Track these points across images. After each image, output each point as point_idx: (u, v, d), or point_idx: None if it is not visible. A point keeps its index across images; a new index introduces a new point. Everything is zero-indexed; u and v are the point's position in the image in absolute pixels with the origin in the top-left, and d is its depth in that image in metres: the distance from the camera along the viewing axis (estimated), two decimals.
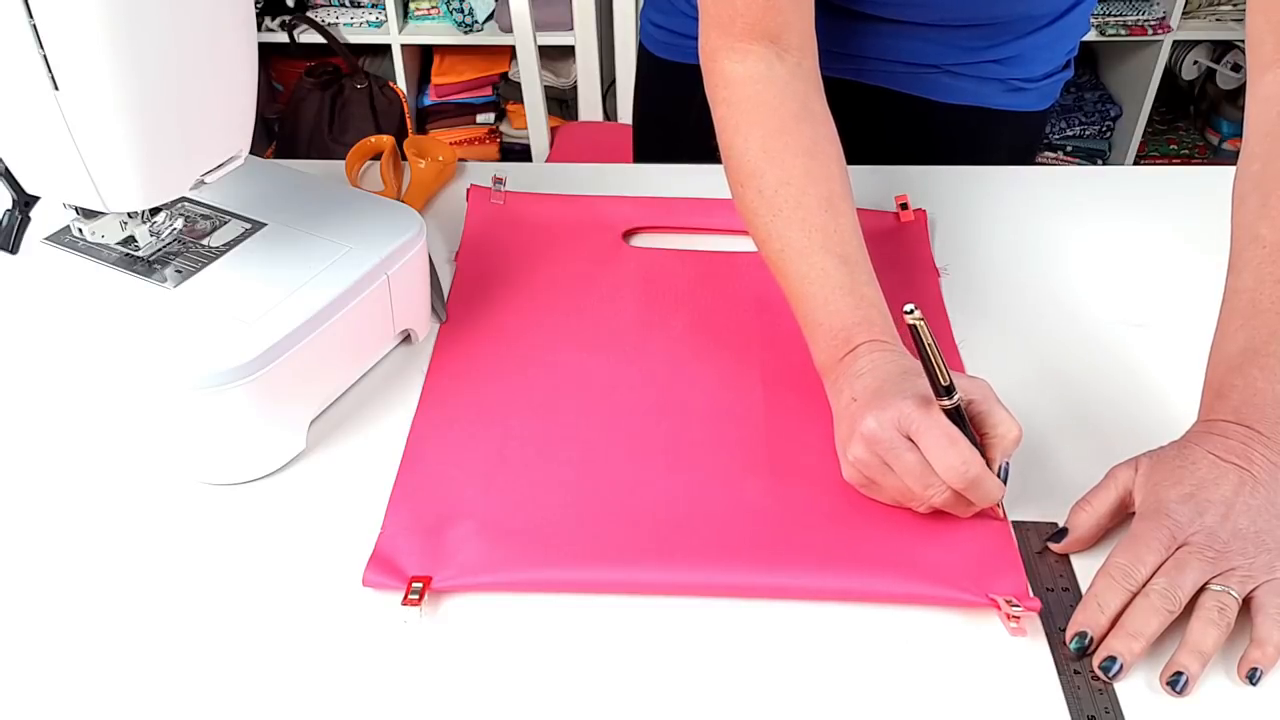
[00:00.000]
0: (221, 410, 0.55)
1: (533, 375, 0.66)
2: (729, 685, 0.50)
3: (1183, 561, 0.51)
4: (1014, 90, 0.90)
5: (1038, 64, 0.89)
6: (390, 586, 0.53)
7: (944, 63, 0.87)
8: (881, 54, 0.87)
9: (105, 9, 0.46)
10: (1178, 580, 0.50)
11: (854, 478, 0.57)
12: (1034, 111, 0.93)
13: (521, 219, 0.79)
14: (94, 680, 0.50)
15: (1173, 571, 0.51)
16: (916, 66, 0.87)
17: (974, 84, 0.89)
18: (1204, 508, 0.52)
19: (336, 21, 2.08)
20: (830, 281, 0.61)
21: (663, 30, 0.96)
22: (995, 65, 0.87)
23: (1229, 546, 0.51)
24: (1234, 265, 0.60)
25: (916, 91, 0.89)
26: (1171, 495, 0.53)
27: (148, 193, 0.54)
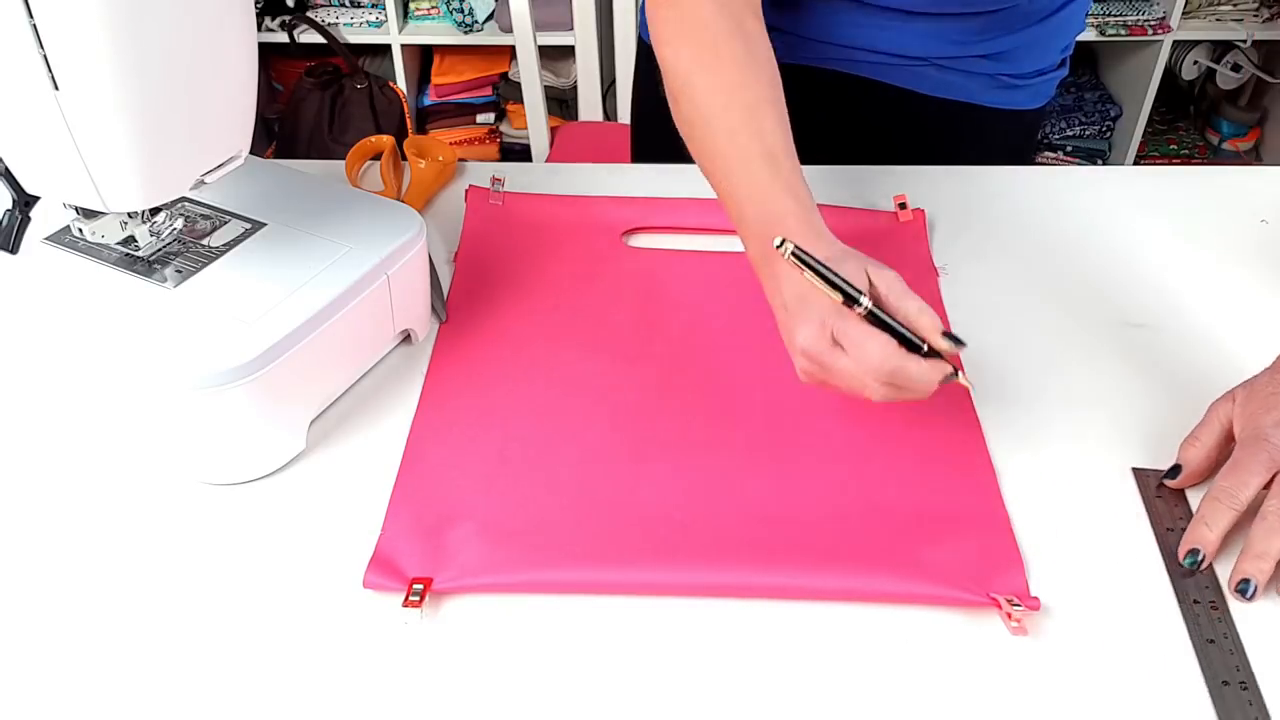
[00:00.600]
0: (221, 410, 0.55)
1: (532, 376, 0.66)
2: (729, 685, 0.50)
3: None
4: (1004, 87, 0.89)
5: (1029, 61, 0.89)
6: (391, 588, 0.53)
7: (932, 55, 0.87)
8: (869, 44, 0.87)
9: (105, 9, 0.46)
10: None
11: (806, 381, 0.59)
12: (1027, 110, 0.93)
13: (520, 219, 0.79)
14: (94, 680, 0.50)
15: (1277, 497, 0.54)
16: (904, 59, 0.87)
17: (962, 78, 0.88)
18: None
19: (336, 21, 2.08)
20: (756, 179, 0.61)
21: None
22: (985, 60, 0.87)
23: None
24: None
25: (904, 84, 0.89)
26: (1267, 421, 0.56)
27: (148, 193, 0.54)
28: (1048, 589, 0.54)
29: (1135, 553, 0.56)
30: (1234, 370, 0.67)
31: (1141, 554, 0.56)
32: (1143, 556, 0.56)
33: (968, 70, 0.88)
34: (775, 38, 0.90)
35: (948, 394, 0.65)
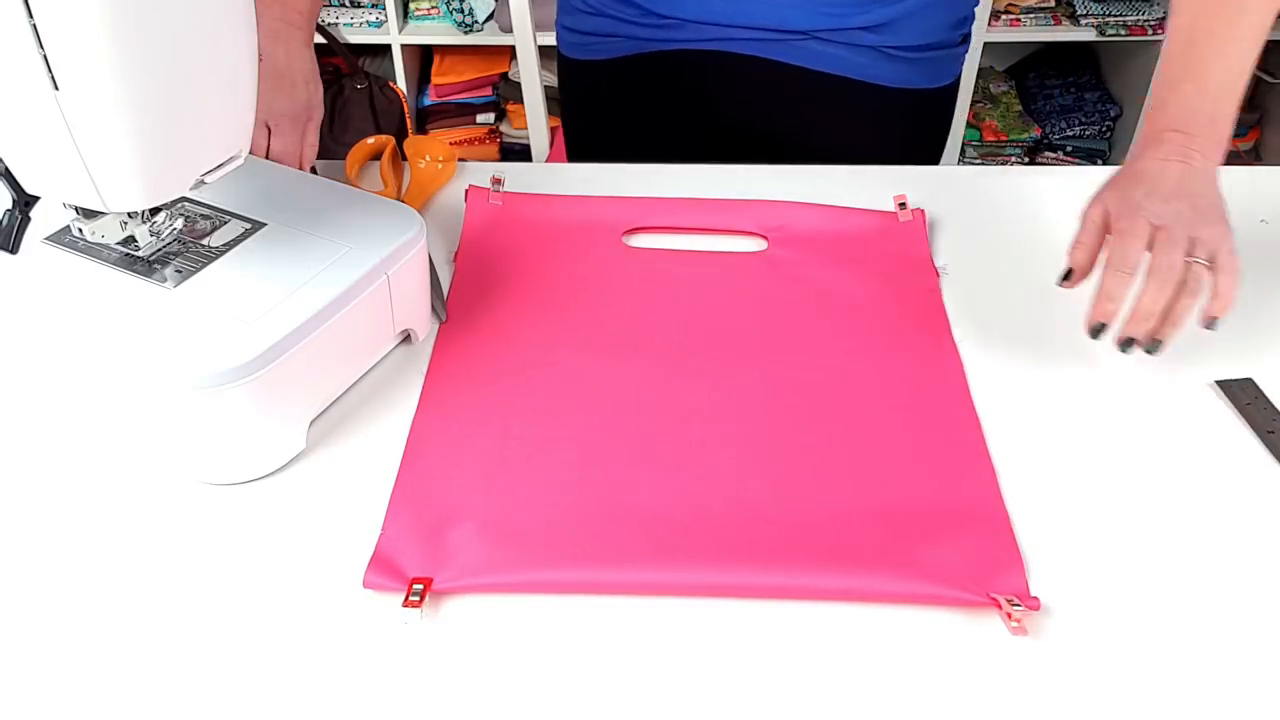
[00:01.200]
0: (221, 410, 0.55)
1: (532, 376, 0.66)
2: (729, 685, 0.50)
3: (1166, 242, 0.62)
4: (894, 60, 0.89)
5: (914, 33, 0.89)
6: (391, 588, 0.53)
7: (812, 29, 0.87)
8: (747, 20, 0.88)
9: (105, 9, 0.46)
10: (1171, 258, 0.61)
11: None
12: (927, 89, 0.93)
13: (520, 219, 0.79)
14: (94, 680, 0.50)
15: (1163, 252, 0.62)
16: (784, 33, 0.88)
17: (847, 52, 0.89)
18: (1166, 197, 0.64)
19: (336, 21, 2.08)
20: None
21: (569, 31, 0.98)
22: (867, 33, 0.87)
23: (1193, 222, 0.63)
24: (1174, 7, 0.69)
25: (789, 59, 0.90)
26: (1137, 194, 0.64)
27: (148, 193, 0.54)
28: (1048, 589, 0.54)
29: (1135, 552, 0.56)
30: (1234, 370, 0.67)
31: (1141, 554, 0.56)
32: (1143, 556, 0.56)
33: (851, 43, 0.88)
34: (655, 24, 0.92)
35: (948, 394, 0.66)
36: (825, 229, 0.78)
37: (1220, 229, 0.63)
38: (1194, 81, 0.67)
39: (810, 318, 0.71)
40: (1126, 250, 0.63)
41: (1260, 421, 0.63)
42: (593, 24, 0.94)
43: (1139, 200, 0.64)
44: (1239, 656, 0.52)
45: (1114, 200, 0.65)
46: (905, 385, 0.66)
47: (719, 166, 0.87)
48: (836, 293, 0.73)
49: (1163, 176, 0.65)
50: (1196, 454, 0.62)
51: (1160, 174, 0.65)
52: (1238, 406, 0.64)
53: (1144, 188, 0.65)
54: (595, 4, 0.93)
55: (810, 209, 0.79)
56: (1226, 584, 0.55)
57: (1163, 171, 0.65)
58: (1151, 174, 0.65)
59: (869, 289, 0.74)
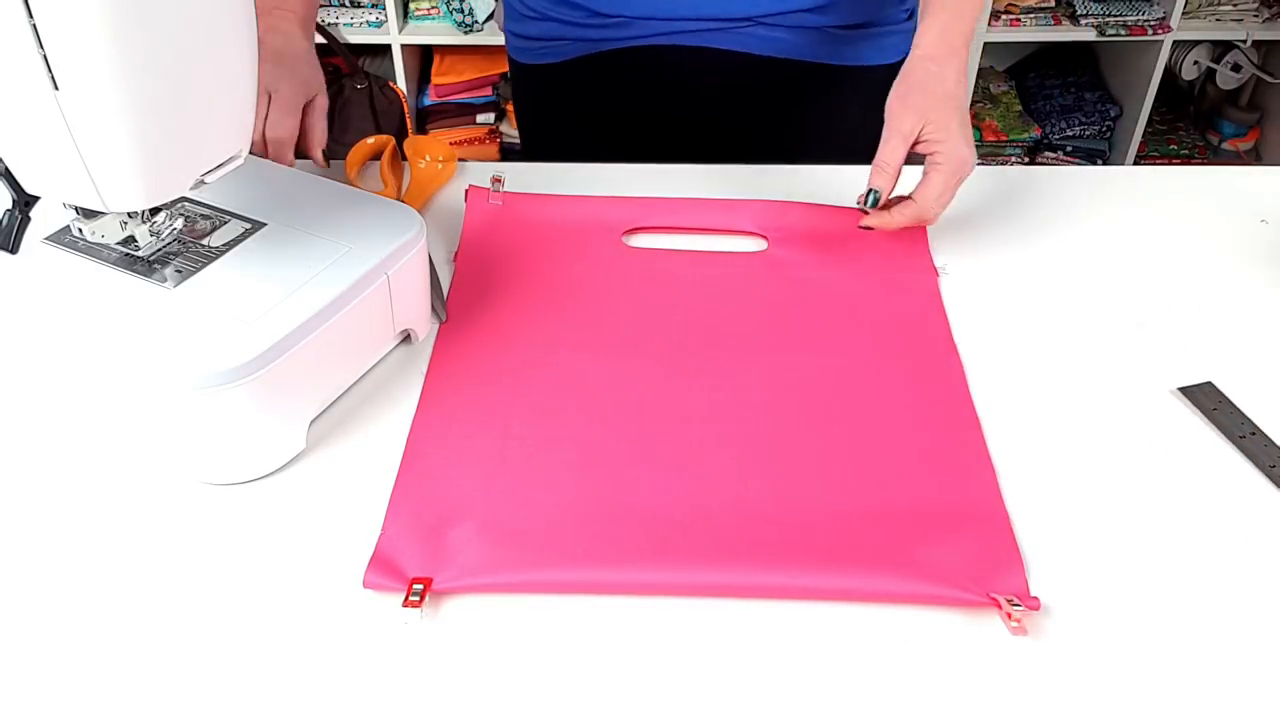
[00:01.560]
0: (221, 410, 0.55)
1: (532, 376, 0.66)
2: (730, 685, 0.50)
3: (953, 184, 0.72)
4: (838, 39, 0.90)
5: (856, 12, 0.90)
6: (391, 588, 0.53)
7: (754, 14, 0.88)
8: (692, 12, 0.88)
9: (105, 9, 0.46)
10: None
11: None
12: (877, 66, 0.93)
13: (520, 219, 0.79)
14: (94, 680, 0.50)
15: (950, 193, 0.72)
16: (729, 21, 0.88)
17: (792, 34, 0.89)
18: (971, 145, 0.72)
19: (336, 21, 2.08)
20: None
21: (518, 37, 0.99)
22: (809, 14, 0.88)
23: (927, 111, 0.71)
24: None
25: (736, 47, 0.90)
26: (959, 138, 0.71)
27: (148, 193, 0.54)
28: (1048, 589, 0.54)
29: (1135, 552, 0.56)
30: (1234, 370, 0.67)
31: (1141, 553, 0.56)
32: (1143, 556, 0.56)
33: (796, 25, 0.89)
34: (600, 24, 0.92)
35: (947, 394, 0.66)
36: (825, 229, 0.78)
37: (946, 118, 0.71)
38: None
39: (810, 317, 0.71)
40: (933, 208, 0.73)
41: (1230, 427, 0.63)
42: (539, 29, 0.94)
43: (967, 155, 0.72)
44: (1237, 656, 0.52)
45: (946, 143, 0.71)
46: (905, 385, 0.66)
47: (719, 166, 0.87)
48: (836, 292, 0.73)
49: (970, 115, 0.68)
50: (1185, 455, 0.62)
51: (969, 112, 0.68)
52: (1204, 412, 0.64)
53: (970, 138, 0.72)
54: (539, 9, 0.93)
55: (810, 209, 0.79)
56: (1224, 584, 0.55)
57: (967, 107, 0.68)
58: (966, 113, 0.72)
59: (869, 289, 0.74)
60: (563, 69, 0.95)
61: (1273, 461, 0.61)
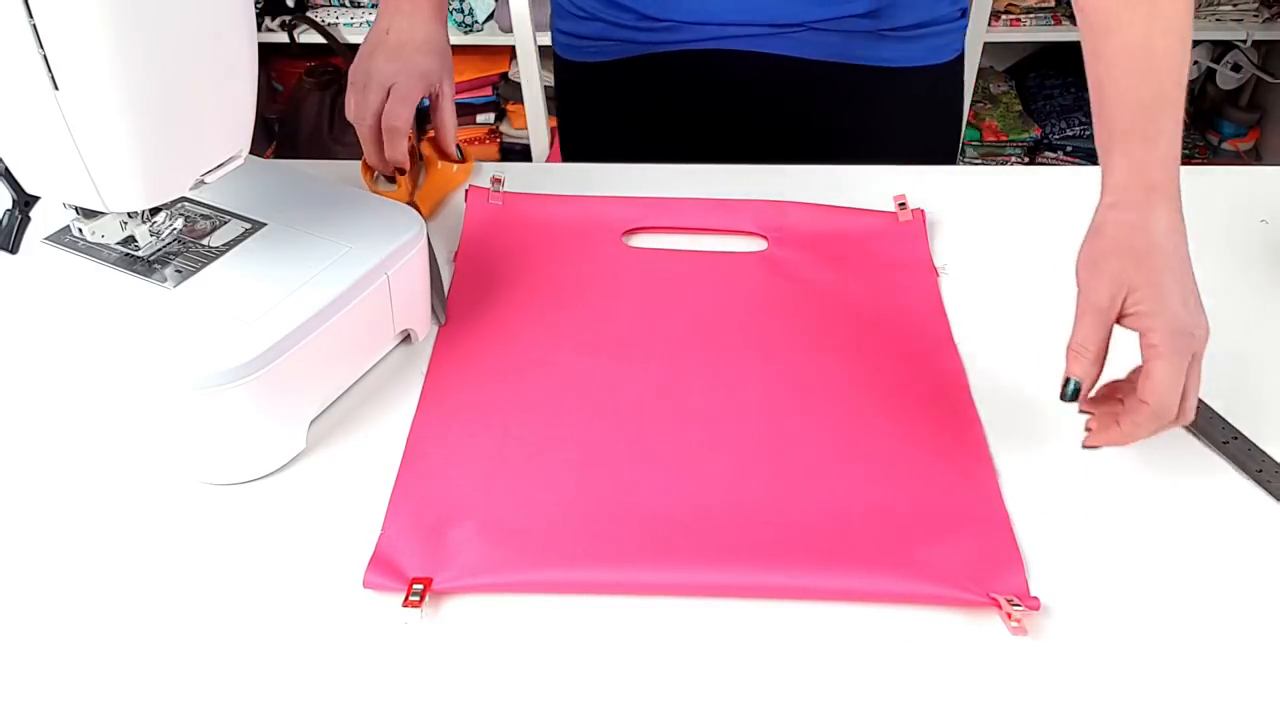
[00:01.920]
0: (221, 410, 0.55)
1: (532, 376, 0.66)
2: (730, 685, 0.50)
3: (1193, 374, 0.54)
4: (890, 40, 0.88)
5: (911, 13, 0.87)
6: (391, 588, 0.53)
7: (807, 20, 0.87)
8: (742, 17, 0.87)
9: (105, 9, 0.46)
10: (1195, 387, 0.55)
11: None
12: (931, 66, 0.91)
13: (520, 219, 0.79)
14: (94, 680, 0.50)
15: (1196, 383, 0.54)
16: (779, 27, 0.87)
17: (842, 38, 0.88)
18: (1201, 312, 0.55)
19: (336, 21, 2.08)
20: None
21: (564, 35, 0.98)
22: (862, 19, 0.87)
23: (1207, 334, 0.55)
24: (1104, 27, 0.59)
25: (788, 52, 0.89)
26: (1178, 307, 0.54)
27: (148, 193, 0.54)
28: (1048, 589, 0.54)
29: (1135, 552, 0.56)
30: (1234, 370, 0.67)
31: (1140, 554, 0.56)
32: (1142, 556, 0.56)
33: (847, 30, 0.87)
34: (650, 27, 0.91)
35: (947, 394, 0.66)
36: (825, 229, 0.78)
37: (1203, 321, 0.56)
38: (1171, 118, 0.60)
39: (810, 318, 0.71)
40: (1167, 403, 0.54)
41: (1211, 433, 0.62)
42: (588, 28, 0.94)
43: (1194, 324, 0.55)
44: (1234, 655, 0.52)
45: (1159, 315, 0.55)
46: (905, 385, 0.66)
47: (719, 166, 0.87)
48: (836, 293, 0.73)
49: (1189, 271, 0.56)
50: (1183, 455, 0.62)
51: (1188, 267, 0.56)
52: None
53: (1195, 303, 0.55)
54: (588, 9, 0.93)
55: (810, 209, 0.79)
56: (1221, 584, 0.55)
57: (1188, 262, 0.56)
58: (1186, 270, 0.56)
59: (869, 289, 0.74)
60: (609, 68, 0.95)
61: (1259, 466, 0.61)
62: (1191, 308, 0.55)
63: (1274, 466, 0.60)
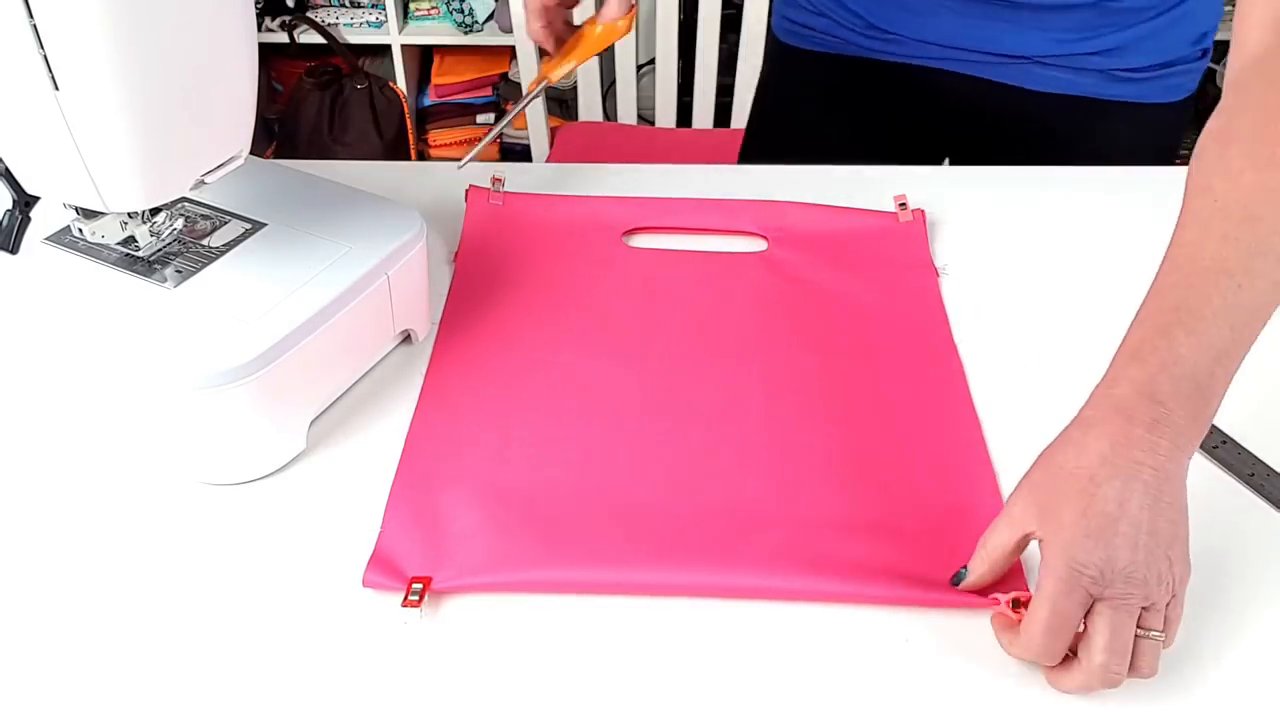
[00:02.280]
0: (221, 410, 0.55)
1: (532, 376, 0.66)
2: (730, 686, 0.50)
3: (1114, 624, 0.46)
4: (1119, 80, 0.85)
5: (1148, 54, 0.84)
6: (390, 587, 0.53)
7: (1035, 54, 0.85)
8: (969, 43, 0.86)
9: (105, 9, 0.46)
10: (1119, 644, 0.46)
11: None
12: (1158, 104, 0.86)
13: (520, 220, 0.79)
14: (93, 681, 0.50)
15: (1109, 636, 0.46)
16: (1006, 57, 0.86)
17: (1070, 74, 0.86)
18: (1113, 548, 0.45)
19: (336, 21, 2.08)
20: None
21: (788, 20, 0.98)
22: (1094, 57, 0.84)
23: (1146, 580, 0.46)
24: (1182, 220, 0.52)
25: (1008, 80, 0.87)
26: (1076, 535, 0.46)
27: (148, 193, 0.54)
28: None
29: None
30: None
31: None
32: None
33: (1077, 66, 0.85)
34: (875, 36, 0.89)
35: (948, 394, 0.66)
36: (825, 229, 0.78)
37: (1166, 568, 0.46)
38: (1190, 330, 0.48)
39: (810, 318, 0.71)
40: (1059, 630, 0.47)
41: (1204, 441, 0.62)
42: (815, 21, 0.94)
43: (1078, 554, 0.46)
44: (1234, 657, 0.52)
45: (1042, 520, 0.48)
46: (906, 385, 0.66)
47: (719, 166, 0.87)
48: (837, 293, 0.73)
49: (1117, 502, 0.46)
50: None
51: (1114, 496, 0.46)
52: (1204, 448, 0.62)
53: (1088, 521, 0.46)
54: (819, 5, 0.93)
55: (810, 209, 0.79)
56: (1221, 583, 0.55)
57: (1119, 491, 0.46)
58: (1100, 493, 0.46)
59: (869, 289, 0.74)
60: (823, 59, 0.95)
61: (1250, 470, 0.61)
62: (1097, 538, 0.46)
63: (1265, 470, 0.60)
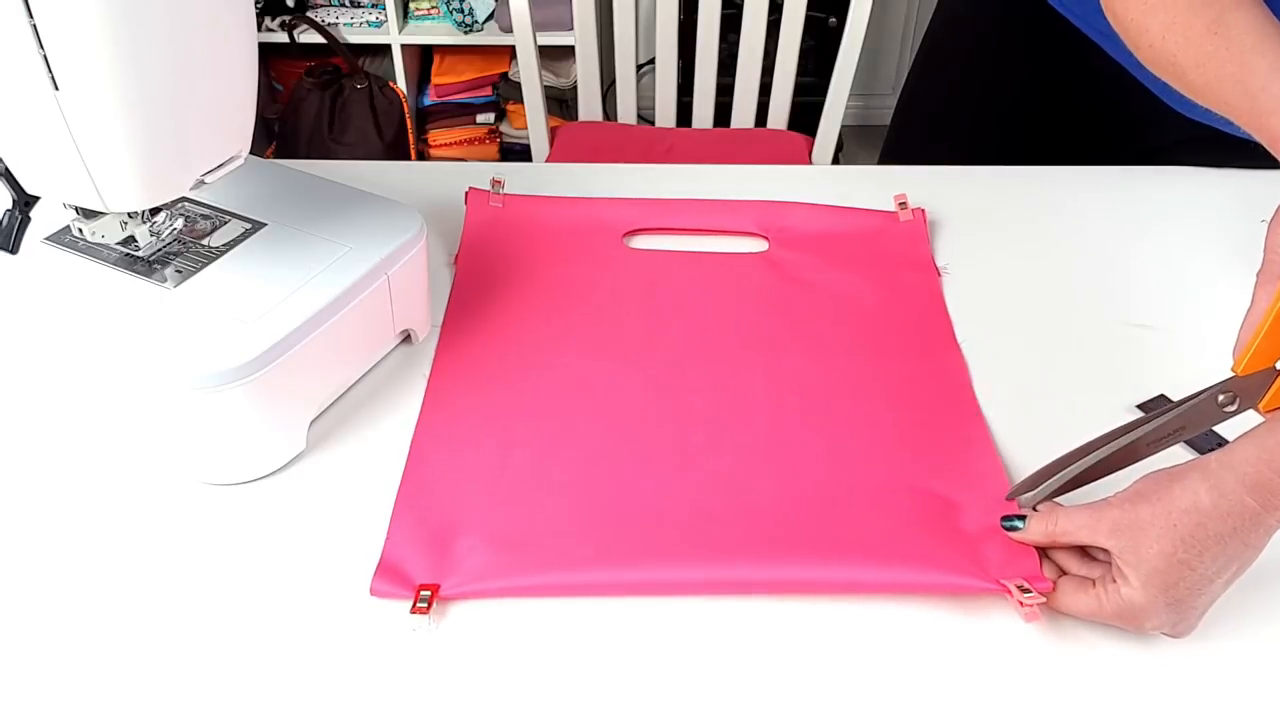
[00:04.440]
0: (221, 410, 0.55)
1: (534, 379, 0.66)
2: (740, 683, 0.50)
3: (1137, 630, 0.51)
4: None
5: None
6: (398, 595, 0.53)
7: None
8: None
9: (105, 9, 0.46)
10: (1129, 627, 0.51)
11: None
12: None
13: (521, 221, 0.79)
14: (93, 682, 0.50)
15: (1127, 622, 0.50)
16: None
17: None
18: (1178, 622, 0.50)
19: (336, 21, 2.08)
20: None
21: None
22: None
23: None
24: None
25: (1152, 86, 0.85)
26: (1157, 599, 0.49)
27: (148, 193, 0.54)
28: None
29: None
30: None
31: None
32: None
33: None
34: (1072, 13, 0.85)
35: (950, 393, 0.66)
36: (826, 229, 0.78)
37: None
38: None
39: (812, 318, 0.71)
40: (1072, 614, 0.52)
41: (1199, 444, 0.62)
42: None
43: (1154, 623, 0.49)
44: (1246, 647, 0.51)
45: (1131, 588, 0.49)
46: (909, 385, 0.66)
47: (719, 166, 0.87)
48: (838, 293, 0.73)
49: (1213, 583, 0.48)
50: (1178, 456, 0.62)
51: (1213, 577, 0.48)
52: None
53: (1177, 610, 0.49)
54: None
55: (811, 209, 0.79)
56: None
57: (1219, 573, 0.48)
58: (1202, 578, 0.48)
59: (871, 289, 0.74)
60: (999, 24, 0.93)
61: None
62: (1172, 611, 0.49)
63: None
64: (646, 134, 1.50)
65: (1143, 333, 0.71)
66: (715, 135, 1.49)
